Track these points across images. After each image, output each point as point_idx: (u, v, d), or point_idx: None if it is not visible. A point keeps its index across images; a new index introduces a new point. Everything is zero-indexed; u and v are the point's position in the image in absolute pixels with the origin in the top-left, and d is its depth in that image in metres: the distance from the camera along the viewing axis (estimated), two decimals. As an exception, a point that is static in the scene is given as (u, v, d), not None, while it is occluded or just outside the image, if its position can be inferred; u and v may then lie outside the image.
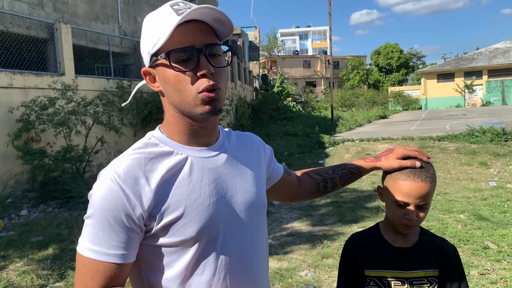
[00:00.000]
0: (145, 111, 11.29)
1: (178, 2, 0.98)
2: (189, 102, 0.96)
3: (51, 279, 4.21)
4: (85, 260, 0.93)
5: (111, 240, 0.92)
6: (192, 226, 0.96)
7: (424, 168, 1.28)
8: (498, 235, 4.79)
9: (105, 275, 0.92)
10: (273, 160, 1.29)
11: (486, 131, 11.47)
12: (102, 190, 0.93)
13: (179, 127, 1.02)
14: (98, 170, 9.97)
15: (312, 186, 1.38)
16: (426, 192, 1.26)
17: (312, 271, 4.17)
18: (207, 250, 0.98)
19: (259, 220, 1.10)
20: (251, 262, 1.06)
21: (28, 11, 9.49)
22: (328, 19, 20.82)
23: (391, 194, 1.30)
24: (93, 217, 0.93)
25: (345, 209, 6.44)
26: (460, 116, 21.92)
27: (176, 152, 1.00)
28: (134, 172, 0.94)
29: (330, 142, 13.33)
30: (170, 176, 0.97)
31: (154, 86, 1.03)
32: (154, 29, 0.97)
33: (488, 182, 7.69)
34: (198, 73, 0.94)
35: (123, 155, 0.98)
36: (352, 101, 37.13)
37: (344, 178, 1.38)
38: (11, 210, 7.01)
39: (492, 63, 37.19)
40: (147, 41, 0.99)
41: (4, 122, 7.99)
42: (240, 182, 1.06)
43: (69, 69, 9.89)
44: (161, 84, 1.00)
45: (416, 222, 1.29)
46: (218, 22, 0.97)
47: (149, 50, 0.98)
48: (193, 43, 0.94)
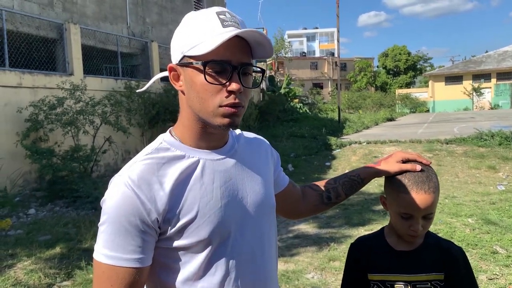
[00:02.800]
0: (152, 111, 11.33)
1: (225, 11, 0.98)
2: (209, 111, 0.97)
3: (58, 278, 4.24)
4: (104, 267, 0.93)
5: (128, 245, 0.92)
6: (205, 228, 0.97)
7: (426, 178, 1.25)
8: (507, 240, 4.75)
9: (125, 281, 0.92)
10: (279, 167, 1.29)
11: (495, 134, 11.38)
12: (116, 196, 0.93)
13: (193, 130, 1.02)
14: (105, 170, 10.04)
15: (316, 198, 1.38)
16: (430, 203, 1.24)
17: (319, 273, 4.16)
18: (219, 251, 1.00)
19: (269, 221, 1.12)
20: (262, 263, 1.07)
21: (38, 11, 9.56)
22: (336, 20, 20.80)
23: (395, 206, 1.29)
24: (108, 223, 0.93)
25: (352, 212, 6.41)
26: (468, 119, 21.77)
27: (187, 155, 1.00)
28: (147, 178, 0.95)
29: (337, 144, 13.29)
30: (183, 180, 0.97)
31: (176, 84, 1.03)
32: (195, 31, 0.96)
33: (497, 186, 7.63)
34: (229, 88, 0.95)
35: (135, 161, 0.99)
36: (359, 103, 36.99)
37: (347, 186, 1.37)
38: (19, 208, 7.06)
39: (501, 66, 36.90)
40: (184, 40, 0.98)
41: (13, 121, 8.06)
42: (250, 184, 1.07)
43: (78, 69, 9.95)
44: (185, 85, 1.00)
45: (421, 232, 1.28)
46: (259, 44, 0.99)
47: (183, 50, 0.98)
48: (231, 59, 0.95)
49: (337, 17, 20.52)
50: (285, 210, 1.35)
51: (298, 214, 1.41)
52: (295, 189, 1.37)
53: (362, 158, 11.11)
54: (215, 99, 0.95)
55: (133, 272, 0.93)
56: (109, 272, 0.92)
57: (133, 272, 0.93)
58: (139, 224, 0.92)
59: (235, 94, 0.95)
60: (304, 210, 1.39)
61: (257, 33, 0.95)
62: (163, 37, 14.09)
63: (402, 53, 50.16)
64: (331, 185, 1.38)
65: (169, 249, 0.98)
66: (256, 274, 1.05)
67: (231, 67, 0.95)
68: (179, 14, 15.23)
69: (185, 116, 1.03)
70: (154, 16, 13.99)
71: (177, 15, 15.12)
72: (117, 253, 0.92)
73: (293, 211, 1.39)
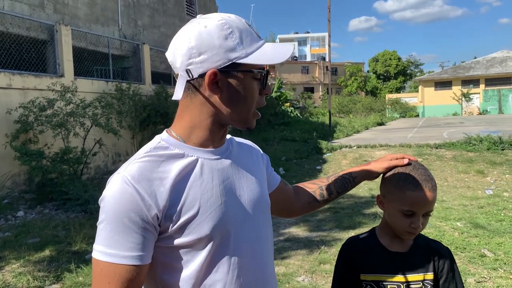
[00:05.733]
0: (143, 114, 11.29)
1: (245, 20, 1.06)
2: (248, 116, 1.07)
3: (47, 281, 4.20)
4: (102, 265, 0.92)
5: (127, 242, 0.92)
6: (206, 225, 0.98)
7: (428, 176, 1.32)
8: (494, 243, 4.81)
9: (123, 278, 0.92)
10: (270, 168, 1.33)
11: (483, 139, 11.52)
12: (116, 193, 0.93)
13: (203, 132, 1.04)
14: (95, 172, 9.98)
15: (309, 195, 1.42)
16: (432, 200, 1.30)
17: (309, 276, 4.17)
18: (220, 249, 1.01)
19: (266, 218, 1.15)
20: (262, 259, 1.09)
21: (28, 12, 9.50)
22: (327, 25, 20.91)
23: (398, 204, 1.32)
24: (108, 221, 0.92)
25: (343, 215, 6.45)
26: (457, 124, 22.00)
27: (186, 154, 1.02)
28: (147, 174, 0.95)
29: (327, 148, 13.34)
30: (183, 177, 0.98)
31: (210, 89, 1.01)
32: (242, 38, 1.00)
33: (485, 190, 7.71)
34: (264, 93, 1.07)
35: (133, 159, 0.99)
36: (349, 108, 37.18)
37: (338, 184, 1.42)
38: (8, 211, 6.98)
39: (489, 72, 37.35)
40: (227, 46, 0.98)
41: (2, 123, 7.98)
42: (246, 183, 1.10)
43: (69, 70, 9.90)
44: (227, 91, 1.01)
45: (420, 229, 1.32)
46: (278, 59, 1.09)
47: (231, 56, 0.98)
48: (266, 68, 1.06)
49: (328, 22, 20.64)
50: (279, 208, 1.37)
51: (292, 212, 1.43)
52: (287, 187, 1.40)
53: (353, 162, 11.16)
54: (254, 104, 1.07)
55: (131, 270, 0.92)
56: (107, 270, 0.92)
57: (132, 269, 0.92)
58: (139, 220, 0.92)
59: None
60: (297, 207, 1.42)
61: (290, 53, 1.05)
62: (154, 39, 14.06)
63: (392, 58, 50.52)
64: (324, 183, 1.43)
65: (170, 247, 0.98)
66: (257, 271, 1.07)
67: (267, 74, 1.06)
68: (171, 17, 15.22)
69: (199, 118, 1.03)
70: (146, 19, 13.96)
71: (169, 18, 15.11)
72: (115, 250, 0.91)
73: (287, 209, 1.41)
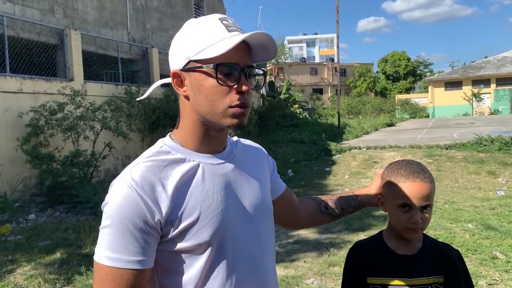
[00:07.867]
0: (153, 117, 11.35)
1: (226, 18, 1.03)
2: (218, 113, 1.00)
3: (58, 283, 4.24)
4: (107, 269, 0.93)
5: (131, 246, 0.93)
6: (207, 231, 0.98)
7: (421, 169, 1.32)
8: (506, 245, 4.75)
9: (128, 283, 0.93)
10: (276, 174, 1.32)
11: (494, 140, 11.39)
12: (119, 198, 0.94)
13: (196, 134, 1.04)
14: (105, 175, 10.04)
15: (314, 206, 1.43)
16: (427, 192, 1.28)
17: (319, 279, 4.16)
18: (220, 255, 1.01)
19: (267, 224, 1.14)
20: (262, 265, 1.09)
21: (38, 17, 9.61)
22: (335, 26, 20.88)
23: (393, 199, 1.32)
24: (111, 225, 0.93)
25: (352, 217, 6.41)
26: (468, 125, 21.78)
27: (188, 159, 1.02)
28: (150, 179, 0.96)
29: (336, 150, 13.30)
30: (184, 182, 0.99)
31: (180, 89, 1.04)
32: (201, 37, 0.99)
33: (496, 191, 7.63)
34: (238, 90, 0.99)
35: (136, 163, 1.00)
36: (359, 109, 37.03)
37: (342, 200, 1.46)
38: (19, 214, 7.06)
39: (500, 71, 36.96)
40: (189, 46, 1.00)
41: (14, 126, 8.08)
42: (248, 188, 1.10)
43: (78, 74, 9.99)
44: (191, 90, 1.02)
45: (421, 225, 1.29)
46: (263, 48, 1.03)
47: (189, 55, 1.00)
48: (238, 62, 0.99)
49: (337, 23, 20.60)
50: (283, 217, 1.37)
51: (296, 222, 1.43)
52: (292, 196, 1.40)
53: (362, 163, 11.10)
54: (225, 101, 0.99)
55: (136, 274, 0.93)
56: (112, 274, 0.93)
57: (136, 274, 0.93)
58: (143, 225, 0.93)
59: (244, 95, 1.00)
60: (301, 217, 1.41)
61: (265, 35, 0.99)
62: (163, 43, 14.14)
63: (401, 59, 50.23)
64: (329, 197, 1.47)
65: (170, 252, 0.99)
66: (257, 277, 1.07)
67: (239, 70, 0.99)
68: (179, 20, 15.29)
69: (188, 120, 1.05)
70: (155, 22, 14.05)
71: (177, 21, 15.19)
72: (120, 255, 0.92)
73: (290, 219, 1.41)
